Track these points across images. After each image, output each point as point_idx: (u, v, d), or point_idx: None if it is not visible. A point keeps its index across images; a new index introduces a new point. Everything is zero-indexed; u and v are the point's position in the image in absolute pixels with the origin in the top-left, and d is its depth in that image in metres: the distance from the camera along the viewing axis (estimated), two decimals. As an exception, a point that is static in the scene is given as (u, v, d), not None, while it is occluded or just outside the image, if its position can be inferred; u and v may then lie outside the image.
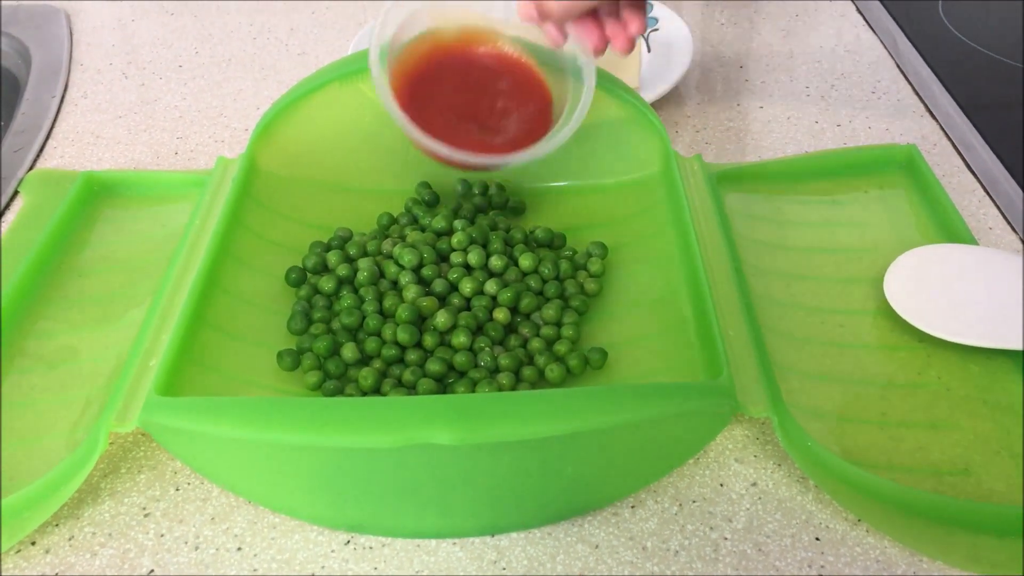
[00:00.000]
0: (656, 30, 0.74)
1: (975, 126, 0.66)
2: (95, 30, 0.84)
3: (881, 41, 0.78)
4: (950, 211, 0.54)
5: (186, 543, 0.41)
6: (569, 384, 0.46)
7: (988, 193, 0.60)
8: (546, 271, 0.51)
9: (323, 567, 0.40)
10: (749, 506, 0.42)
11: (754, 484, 0.43)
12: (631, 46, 0.47)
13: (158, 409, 0.39)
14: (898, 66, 0.74)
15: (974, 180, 0.61)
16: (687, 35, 0.73)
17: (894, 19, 0.79)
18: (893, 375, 0.46)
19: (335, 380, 0.46)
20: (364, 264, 0.51)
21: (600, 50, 0.48)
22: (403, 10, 0.47)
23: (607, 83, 0.53)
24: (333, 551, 0.40)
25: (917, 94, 0.71)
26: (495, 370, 0.46)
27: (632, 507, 0.42)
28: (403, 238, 0.54)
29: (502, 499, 0.40)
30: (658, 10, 0.76)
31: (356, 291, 0.51)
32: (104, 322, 0.50)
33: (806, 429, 0.41)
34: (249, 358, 0.47)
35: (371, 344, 0.47)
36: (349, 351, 0.47)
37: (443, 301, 0.50)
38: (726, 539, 0.40)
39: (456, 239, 0.53)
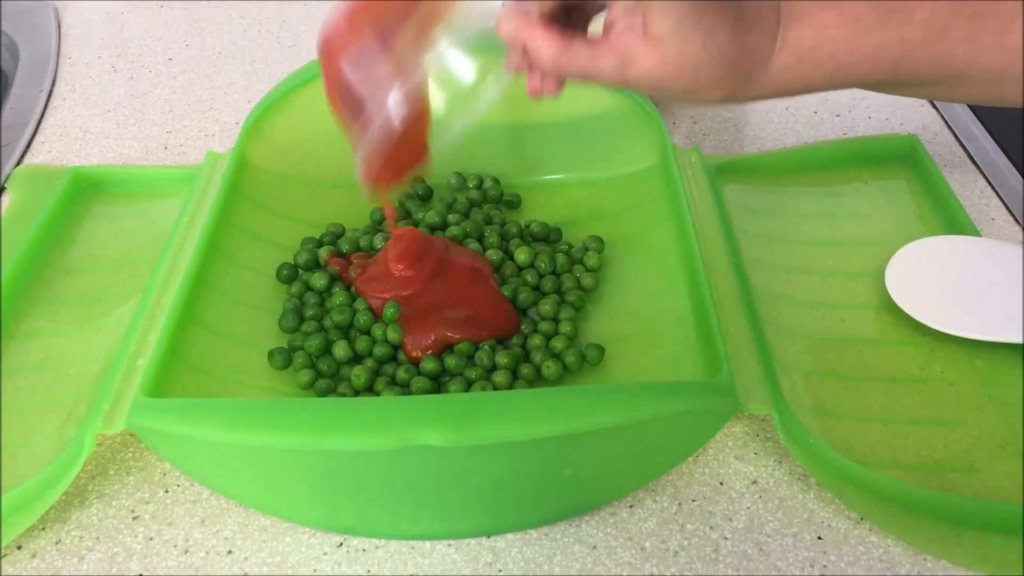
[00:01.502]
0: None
1: (977, 115, 0.65)
2: (83, 23, 0.83)
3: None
4: (952, 202, 0.54)
5: (175, 546, 0.40)
6: (566, 381, 0.45)
7: (991, 184, 0.59)
8: (542, 265, 0.50)
9: (315, 570, 0.39)
10: (749, 505, 0.41)
11: (754, 482, 0.42)
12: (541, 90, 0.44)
13: (145, 411, 0.38)
14: (898, 55, 0.73)
15: (976, 170, 0.60)
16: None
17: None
18: (896, 370, 0.46)
19: (327, 379, 0.45)
20: (357, 260, 0.50)
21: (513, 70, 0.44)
22: None
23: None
24: (326, 553, 0.40)
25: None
26: (492, 368, 0.45)
27: (630, 507, 0.41)
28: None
29: (498, 500, 0.40)
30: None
31: (348, 288, 0.50)
32: (91, 321, 0.49)
33: (807, 426, 0.40)
34: (239, 357, 0.46)
35: (362, 343, 0.46)
36: (341, 349, 0.46)
37: (438, 297, 0.49)
38: (726, 539, 0.40)
39: (450, 233, 0.52)
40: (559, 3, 0.39)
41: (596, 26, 0.41)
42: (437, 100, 0.45)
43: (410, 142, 0.45)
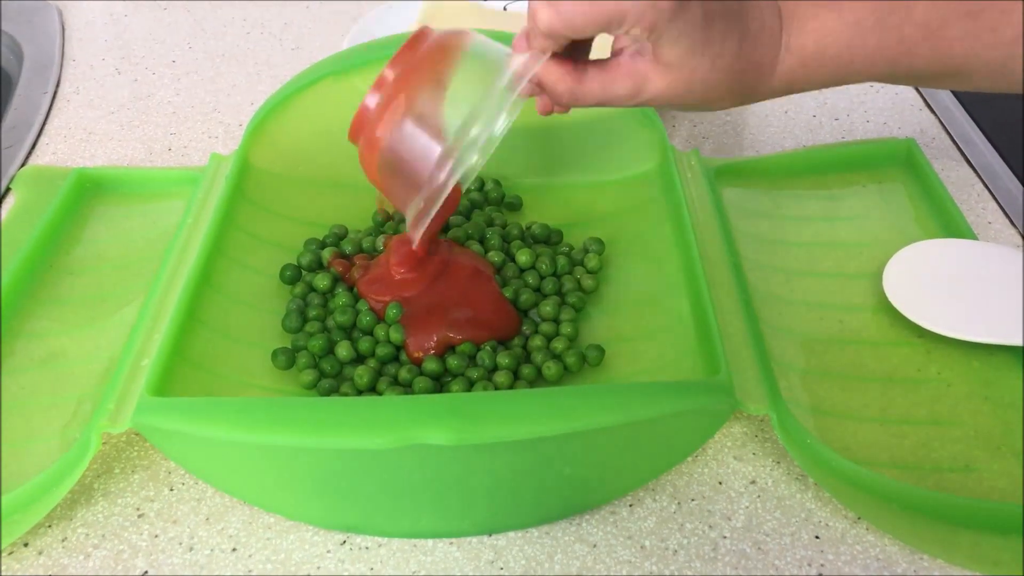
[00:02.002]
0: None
1: (974, 119, 0.65)
2: (87, 25, 0.83)
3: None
4: (949, 205, 0.54)
5: (180, 544, 0.40)
6: (567, 382, 0.46)
7: (987, 187, 0.59)
8: (543, 267, 0.51)
9: (319, 568, 0.39)
10: (748, 504, 0.41)
11: (753, 482, 0.42)
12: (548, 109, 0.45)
13: (150, 410, 0.39)
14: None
15: (973, 174, 0.61)
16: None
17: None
18: (893, 371, 0.46)
19: (330, 379, 0.46)
20: (360, 261, 0.51)
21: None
22: None
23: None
24: (329, 551, 0.40)
25: (915, 87, 0.70)
26: (493, 369, 0.46)
27: (630, 506, 0.41)
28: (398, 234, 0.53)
29: (499, 498, 0.40)
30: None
31: (351, 289, 0.50)
32: (96, 321, 0.50)
33: (805, 426, 0.41)
34: (243, 357, 0.46)
35: (365, 343, 0.47)
36: (344, 349, 0.46)
37: (439, 298, 0.49)
38: (725, 538, 0.40)
39: (452, 235, 0.52)
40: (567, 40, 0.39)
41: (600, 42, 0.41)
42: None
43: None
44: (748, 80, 0.40)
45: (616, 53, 0.40)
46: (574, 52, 0.40)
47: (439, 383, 0.45)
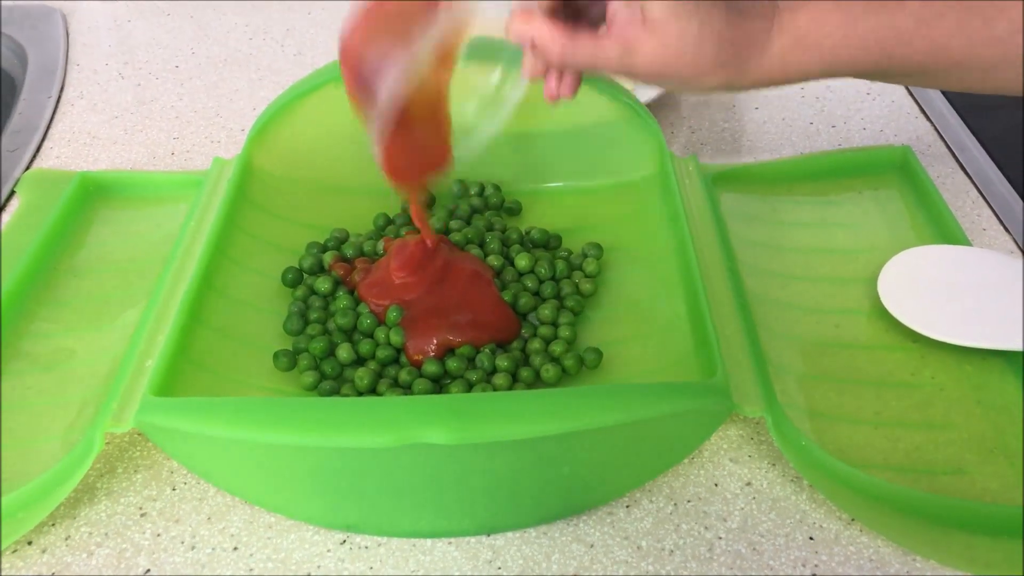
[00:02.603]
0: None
1: (969, 127, 0.66)
2: (91, 30, 0.84)
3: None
4: (944, 212, 0.54)
5: (182, 543, 0.41)
6: (565, 384, 0.46)
7: (982, 194, 0.60)
8: (542, 271, 0.51)
9: (319, 567, 0.40)
10: (743, 505, 0.42)
11: (748, 484, 0.43)
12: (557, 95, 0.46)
13: (154, 410, 0.39)
14: (893, 67, 0.74)
15: (968, 181, 0.61)
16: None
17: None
18: (887, 375, 0.46)
19: (331, 380, 0.46)
20: (360, 264, 0.51)
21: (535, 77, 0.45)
22: None
23: (602, 84, 0.53)
24: (329, 551, 0.40)
25: (911, 95, 0.71)
26: (492, 371, 0.46)
27: (627, 506, 0.42)
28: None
29: (497, 499, 0.40)
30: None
31: (352, 292, 0.51)
32: (100, 323, 0.50)
33: (800, 429, 0.41)
34: (245, 359, 0.47)
35: (365, 345, 0.47)
36: (345, 352, 0.47)
37: (439, 301, 0.50)
38: (720, 538, 0.40)
39: (452, 239, 0.53)
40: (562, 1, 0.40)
41: None
42: (459, 110, 0.46)
43: (428, 137, 0.46)
44: (740, 53, 0.40)
45: (610, 23, 0.41)
46: (575, 25, 0.41)
47: (439, 385, 0.46)
